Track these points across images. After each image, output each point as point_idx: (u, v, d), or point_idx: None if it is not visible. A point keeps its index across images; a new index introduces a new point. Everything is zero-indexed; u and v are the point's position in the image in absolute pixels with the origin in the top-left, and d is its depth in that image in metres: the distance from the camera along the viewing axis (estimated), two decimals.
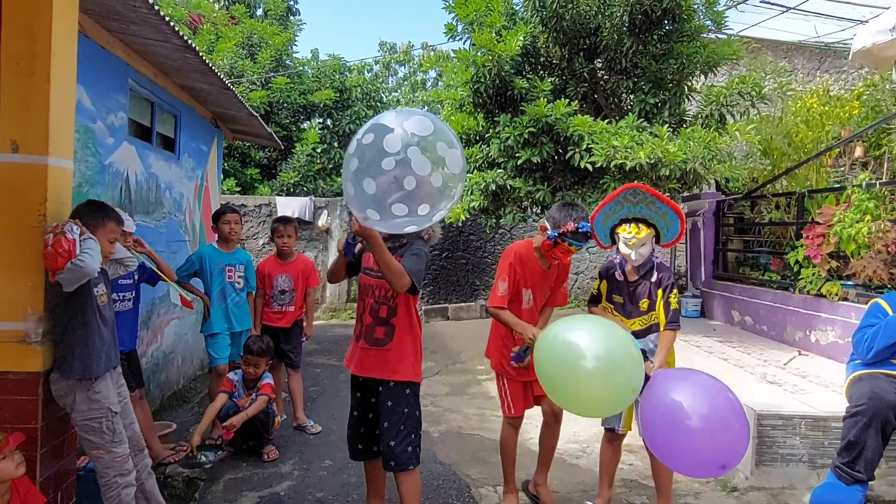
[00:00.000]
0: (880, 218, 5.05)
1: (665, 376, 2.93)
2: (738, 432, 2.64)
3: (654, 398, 2.84)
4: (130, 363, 4.11)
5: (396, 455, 2.91)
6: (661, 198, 3.17)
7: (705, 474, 3.35)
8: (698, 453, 2.66)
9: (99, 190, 4.20)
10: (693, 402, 2.69)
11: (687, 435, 2.65)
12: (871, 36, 5.40)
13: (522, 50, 6.56)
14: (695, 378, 2.88)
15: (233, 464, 4.19)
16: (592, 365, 2.73)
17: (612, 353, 2.77)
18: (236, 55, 12.50)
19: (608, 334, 2.84)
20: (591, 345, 2.77)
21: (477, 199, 6.86)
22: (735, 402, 2.70)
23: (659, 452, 2.87)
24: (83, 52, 3.91)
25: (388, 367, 2.96)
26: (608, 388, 2.77)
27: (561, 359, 2.83)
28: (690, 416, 2.65)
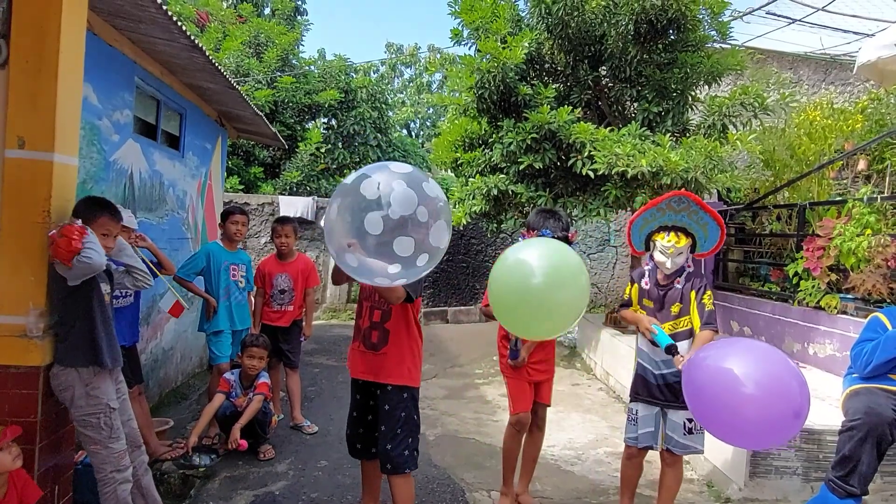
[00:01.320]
0: (881, 232, 5.06)
1: (704, 350, 2.90)
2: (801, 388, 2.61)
3: (700, 375, 2.78)
4: (130, 359, 4.13)
5: (393, 458, 2.93)
6: (706, 207, 3.16)
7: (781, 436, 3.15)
8: (766, 418, 2.61)
9: (103, 186, 4.23)
10: (747, 367, 2.65)
11: (748, 404, 2.60)
12: (876, 50, 5.41)
13: (527, 56, 6.60)
14: (741, 345, 2.84)
15: (229, 462, 4.21)
16: (538, 280, 2.69)
17: (558, 268, 2.74)
18: (243, 54, 12.54)
19: (555, 252, 2.81)
20: (539, 262, 2.74)
21: (478, 204, 6.89)
22: (790, 364, 2.69)
23: (722, 432, 2.80)
24: (91, 49, 3.94)
25: (384, 371, 2.99)
26: (550, 302, 2.71)
27: (507, 275, 2.80)
28: (746, 383, 2.60)
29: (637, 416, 3.36)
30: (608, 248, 11.78)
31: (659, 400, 3.28)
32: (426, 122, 25.52)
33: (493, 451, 4.56)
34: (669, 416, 3.25)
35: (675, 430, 3.23)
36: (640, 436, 3.33)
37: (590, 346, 7.54)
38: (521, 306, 2.75)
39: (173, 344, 5.87)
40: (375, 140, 13.63)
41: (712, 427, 2.80)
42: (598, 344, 7.10)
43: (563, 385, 6.54)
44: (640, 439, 3.34)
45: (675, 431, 3.23)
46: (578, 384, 6.75)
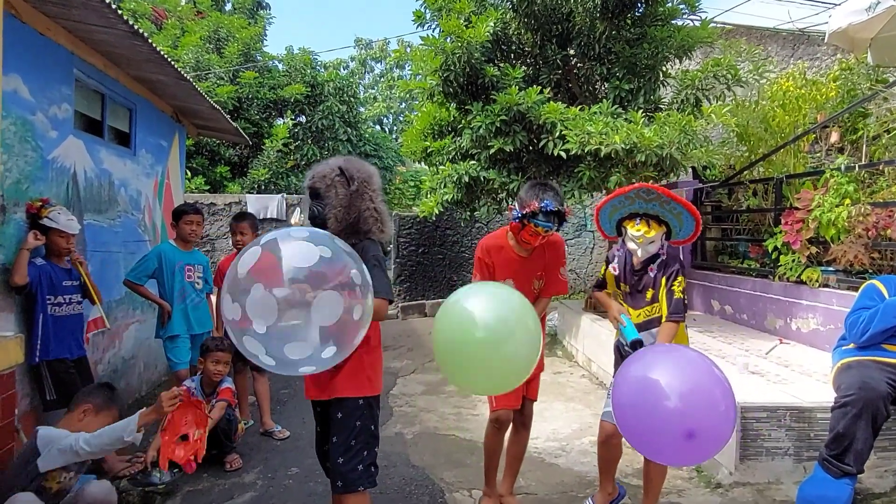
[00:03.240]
0: (860, 201, 4.95)
1: (640, 353, 2.65)
2: (725, 412, 2.33)
3: (626, 376, 2.54)
4: (81, 370, 3.86)
5: (344, 474, 2.54)
6: (677, 198, 2.95)
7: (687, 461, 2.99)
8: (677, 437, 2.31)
9: (42, 187, 3.92)
10: (671, 377, 2.37)
11: (667, 417, 2.32)
12: (846, 16, 5.29)
13: (493, 37, 6.39)
14: (674, 353, 2.58)
15: (192, 475, 3.91)
16: (482, 334, 2.41)
17: (505, 320, 2.46)
18: (202, 49, 12.15)
19: (503, 302, 2.55)
20: (484, 313, 2.46)
21: (450, 192, 6.68)
22: (721, 379, 2.40)
23: (631, 437, 2.54)
24: (18, 38, 3.66)
25: (339, 387, 2.60)
26: (497, 359, 2.43)
27: (450, 325, 2.53)
28: (669, 394, 2.32)
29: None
30: (585, 232, 11.65)
31: None
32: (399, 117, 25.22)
33: (474, 447, 4.36)
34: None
35: None
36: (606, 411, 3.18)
37: (570, 333, 7.38)
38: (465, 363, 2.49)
39: (134, 352, 5.57)
40: (346, 135, 13.33)
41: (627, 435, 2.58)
42: (579, 330, 6.94)
43: (544, 373, 6.28)
44: (612, 414, 3.18)
45: None
46: (560, 372, 6.58)
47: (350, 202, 2.58)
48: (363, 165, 2.69)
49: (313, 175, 2.63)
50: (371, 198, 2.63)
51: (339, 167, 2.60)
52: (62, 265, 3.73)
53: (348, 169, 2.61)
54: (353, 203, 2.58)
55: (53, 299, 3.65)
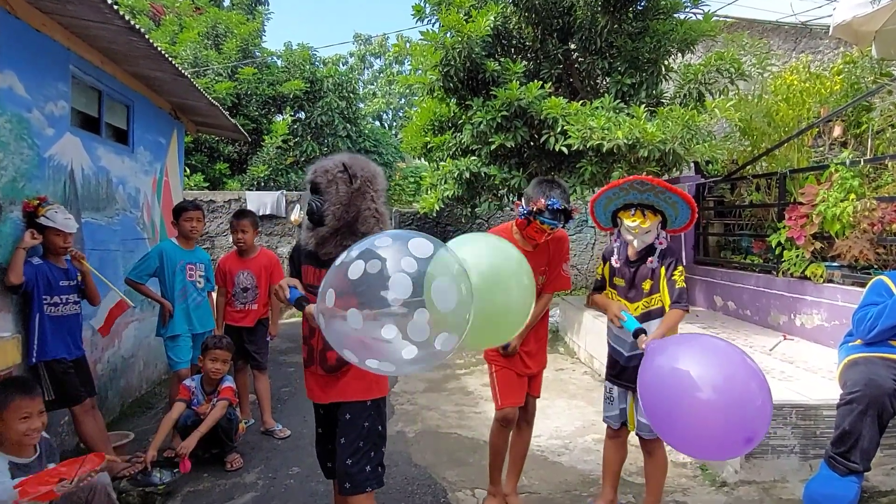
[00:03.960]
0: (865, 196, 4.90)
1: (664, 343, 2.60)
2: (763, 403, 2.28)
3: (653, 370, 2.49)
4: (79, 370, 3.82)
5: (353, 475, 2.51)
6: (671, 188, 2.91)
7: (728, 454, 2.85)
8: (716, 430, 2.28)
9: (39, 185, 3.88)
10: (704, 369, 2.32)
11: (701, 410, 2.28)
12: (851, 9, 5.23)
13: (493, 31, 6.34)
14: (702, 342, 2.52)
15: (193, 474, 3.91)
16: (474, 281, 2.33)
17: (498, 269, 2.43)
18: (200, 45, 12.07)
19: (496, 251, 2.52)
20: (477, 260, 2.39)
21: (451, 188, 6.63)
22: (755, 368, 2.36)
23: (667, 436, 2.51)
24: (12, 33, 3.61)
25: (347, 391, 2.57)
26: (489, 308, 2.35)
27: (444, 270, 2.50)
28: (702, 387, 2.27)
29: (611, 395, 3.21)
30: (586, 228, 11.60)
31: (628, 383, 3.09)
32: (398, 113, 25.15)
33: (477, 445, 4.34)
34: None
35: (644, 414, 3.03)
36: (617, 414, 3.18)
37: (572, 330, 7.34)
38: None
39: (134, 351, 5.54)
40: (345, 131, 13.27)
41: (654, 420, 2.53)
42: (581, 326, 6.90)
43: (547, 370, 6.23)
44: (616, 418, 3.18)
45: (644, 415, 3.03)
46: (563, 369, 6.55)
47: (350, 200, 2.50)
48: (368, 164, 2.62)
49: (315, 169, 2.55)
50: (373, 198, 2.56)
51: (342, 163, 2.53)
52: (59, 265, 3.69)
53: (352, 166, 2.53)
54: (353, 201, 2.51)
55: (50, 299, 3.61)
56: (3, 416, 2.59)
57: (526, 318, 2.51)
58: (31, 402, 2.66)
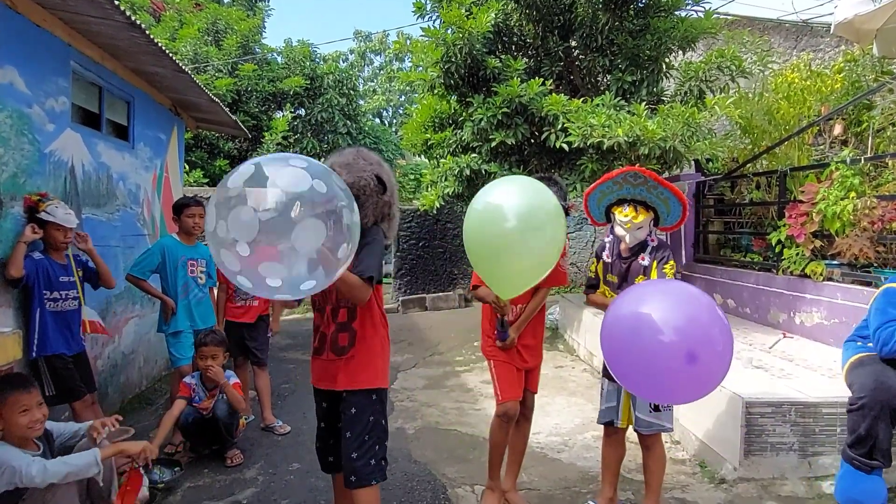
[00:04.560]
0: (865, 194, 4.90)
1: (633, 288, 2.66)
2: (723, 350, 2.31)
3: (616, 311, 2.52)
4: (80, 366, 3.83)
5: (358, 469, 2.56)
6: (664, 183, 2.94)
7: (682, 399, 2.75)
8: (674, 374, 2.31)
9: (39, 181, 3.88)
10: (665, 312, 2.35)
11: (658, 350, 2.30)
12: (852, 7, 5.22)
13: (494, 28, 6.33)
14: (668, 287, 2.57)
15: (193, 470, 3.92)
16: (511, 224, 2.52)
17: (533, 209, 2.55)
18: (200, 41, 12.05)
19: (528, 191, 2.63)
20: (511, 202, 2.56)
21: (451, 186, 6.63)
22: (721, 316, 2.38)
23: (621, 376, 2.53)
24: (13, 29, 3.61)
25: (353, 376, 2.63)
26: (527, 250, 2.55)
27: (480, 221, 2.62)
28: (663, 329, 2.29)
29: (604, 392, 3.22)
30: (586, 226, 11.59)
31: None
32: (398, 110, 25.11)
33: (476, 441, 4.34)
34: (638, 396, 3.06)
35: (642, 409, 3.05)
36: (604, 410, 3.20)
37: (572, 327, 7.35)
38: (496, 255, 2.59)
39: (134, 347, 5.54)
40: (345, 127, 13.25)
41: (612, 361, 2.55)
42: (581, 324, 6.90)
43: (546, 368, 6.31)
44: (603, 414, 3.20)
45: (642, 410, 3.05)
46: (562, 366, 6.55)
47: (381, 210, 2.64)
48: (390, 172, 2.73)
49: (353, 183, 2.52)
50: (394, 200, 2.71)
51: (376, 176, 2.59)
52: (60, 260, 3.69)
53: (382, 176, 2.62)
54: (383, 210, 2.65)
55: (50, 294, 3.62)
56: (2, 413, 2.61)
57: (556, 257, 2.64)
58: (28, 395, 2.69)
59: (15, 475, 2.49)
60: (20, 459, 2.53)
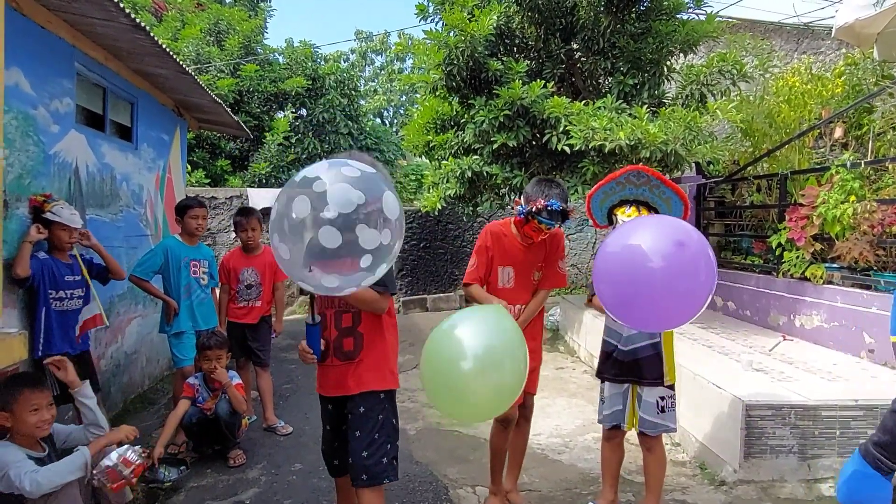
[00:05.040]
0: (865, 198, 4.93)
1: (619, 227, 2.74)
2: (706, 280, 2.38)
3: (607, 241, 2.60)
4: (83, 366, 3.85)
5: (369, 467, 2.54)
6: (667, 182, 2.96)
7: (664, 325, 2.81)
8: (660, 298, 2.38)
9: (44, 182, 3.90)
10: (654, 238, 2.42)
11: (645, 276, 2.37)
12: (853, 11, 5.24)
13: (496, 30, 6.34)
14: (658, 218, 2.66)
15: (196, 471, 3.95)
16: (469, 365, 2.43)
17: (492, 349, 2.48)
18: (202, 42, 12.08)
19: (491, 329, 2.55)
20: (471, 342, 2.47)
21: (453, 187, 6.65)
22: (706, 246, 2.44)
23: (612, 306, 2.59)
24: (18, 30, 3.62)
25: (361, 381, 2.61)
26: (486, 388, 2.46)
27: (437, 358, 2.54)
28: (650, 255, 2.37)
29: (605, 395, 3.22)
30: (587, 227, 11.61)
31: (627, 377, 3.12)
32: (399, 110, 25.13)
33: (477, 442, 4.36)
34: (644, 397, 3.09)
35: (648, 411, 3.06)
36: (609, 415, 3.19)
37: (572, 328, 7.37)
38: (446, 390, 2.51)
39: (137, 347, 5.56)
40: (346, 128, 13.28)
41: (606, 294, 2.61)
42: (581, 325, 6.93)
43: (547, 369, 6.35)
44: (608, 418, 3.19)
45: (648, 411, 3.06)
46: (563, 368, 6.57)
47: None
48: (385, 171, 2.62)
49: None
50: None
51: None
52: (64, 260, 3.72)
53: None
54: None
55: (55, 294, 3.64)
56: (13, 410, 2.63)
57: (519, 390, 2.57)
58: (40, 394, 2.72)
59: (12, 484, 2.51)
60: (18, 467, 2.54)
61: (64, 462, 2.70)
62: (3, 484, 2.54)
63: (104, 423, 3.11)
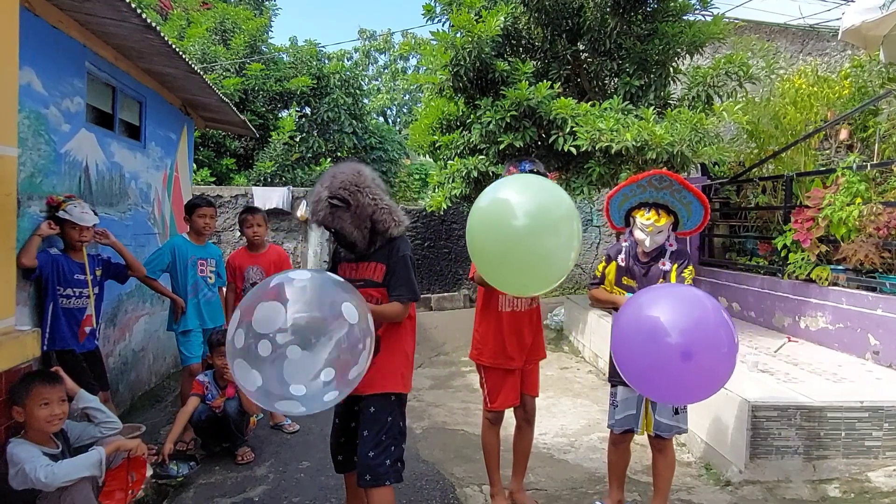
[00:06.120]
0: (871, 201, 4.94)
1: (639, 293, 2.71)
2: (728, 351, 2.39)
3: (625, 313, 2.60)
4: (93, 364, 3.88)
5: (373, 468, 2.57)
6: (689, 186, 2.97)
7: (689, 399, 2.88)
8: (681, 374, 2.39)
9: (55, 180, 3.93)
10: (673, 315, 2.42)
11: (667, 353, 2.38)
12: (859, 14, 5.26)
13: (503, 31, 6.36)
14: (675, 290, 2.62)
15: (205, 468, 3.98)
16: (522, 223, 2.38)
17: (545, 209, 2.45)
18: (208, 41, 12.10)
19: (541, 189, 2.54)
20: (522, 200, 2.44)
21: (458, 187, 6.68)
22: (726, 319, 2.45)
23: (632, 377, 2.60)
24: (31, 30, 3.65)
25: (376, 381, 2.63)
26: (540, 253, 2.44)
27: (488, 220, 2.50)
28: (670, 331, 2.37)
29: (618, 400, 3.20)
30: (591, 227, 11.64)
31: None
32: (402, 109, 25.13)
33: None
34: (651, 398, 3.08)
35: (664, 413, 3.07)
36: (622, 419, 3.18)
37: (577, 329, 7.39)
38: (502, 257, 2.48)
39: (144, 345, 5.60)
40: (351, 127, 13.29)
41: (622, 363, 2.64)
42: (586, 326, 6.95)
43: (551, 369, 6.39)
44: (621, 423, 3.18)
45: (664, 414, 3.07)
46: (567, 368, 6.60)
47: (359, 218, 2.59)
48: (347, 175, 2.62)
49: (316, 213, 2.61)
50: (373, 198, 2.61)
51: (332, 198, 2.56)
52: (78, 259, 3.75)
53: (338, 193, 2.56)
54: (361, 216, 2.59)
55: (63, 290, 3.66)
56: (25, 404, 2.67)
57: (571, 262, 2.60)
58: (52, 389, 2.76)
59: (28, 477, 2.55)
60: (32, 461, 2.58)
61: (80, 458, 2.74)
62: (18, 480, 2.57)
63: (115, 419, 3.14)
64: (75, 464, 2.69)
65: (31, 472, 2.54)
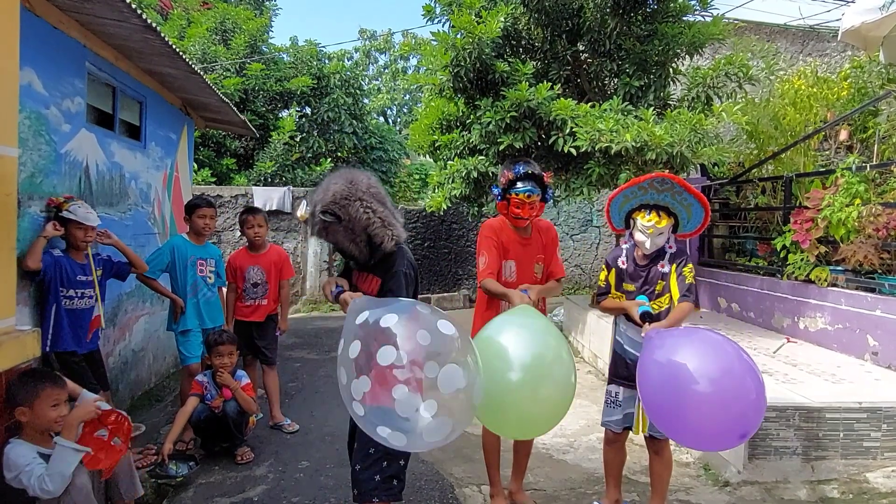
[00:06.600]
0: (871, 201, 4.95)
1: (662, 337, 2.67)
2: (757, 398, 2.38)
3: (653, 359, 2.58)
4: (93, 364, 3.89)
5: (360, 482, 2.49)
6: (690, 189, 2.98)
7: (720, 446, 2.99)
8: (713, 422, 2.38)
9: (55, 180, 3.93)
10: (702, 362, 2.42)
11: (698, 402, 2.37)
12: (859, 15, 5.27)
13: (503, 32, 6.37)
14: (700, 336, 2.60)
15: (204, 467, 3.98)
16: (517, 376, 2.37)
17: (540, 358, 2.44)
18: (208, 41, 12.11)
19: (534, 338, 2.52)
20: (516, 352, 2.43)
21: (458, 187, 6.68)
22: (751, 364, 2.45)
23: (664, 425, 2.61)
24: (32, 31, 3.65)
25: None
26: (534, 402, 2.43)
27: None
28: (699, 379, 2.37)
29: (617, 399, 3.21)
30: (591, 228, 11.65)
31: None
32: (403, 109, 25.15)
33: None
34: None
35: None
36: (622, 419, 3.19)
37: (576, 329, 7.39)
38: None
39: (144, 345, 5.60)
40: (351, 127, 13.30)
41: (653, 413, 2.63)
42: (585, 326, 6.95)
43: None
44: (620, 422, 3.20)
45: None
46: None
47: (353, 231, 2.54)
48: (336, 188, 2.56)
49: (317, 227, 2.59)
50: (366, 209, 2.54)
51: (323, 214, 2.52)
52: (80, 260, 3.75)
53: (328, 208, 2.52)
54: (355, 228, 2.54)
55: (66, 292, 3.67)
56: (33, 406, 2.68)
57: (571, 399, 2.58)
58: (61, 390, 2.78)
59: (32, 488, 2.56)
60: (29, 472, 2.57)
61: (55, 460, 2.63)
62: (15, 483, 2.58)
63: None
64: (58, 464, 2.61)
65: (28, 487, 2.55)
